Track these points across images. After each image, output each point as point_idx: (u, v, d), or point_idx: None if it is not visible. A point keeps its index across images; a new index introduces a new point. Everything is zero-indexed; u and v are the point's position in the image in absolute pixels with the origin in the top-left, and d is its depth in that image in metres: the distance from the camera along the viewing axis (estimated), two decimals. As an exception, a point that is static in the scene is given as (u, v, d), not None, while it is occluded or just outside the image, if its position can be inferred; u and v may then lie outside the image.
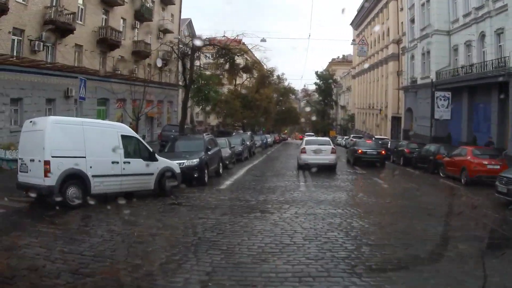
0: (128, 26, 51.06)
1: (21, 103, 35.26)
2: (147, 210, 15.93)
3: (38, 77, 36.49)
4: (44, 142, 14.81)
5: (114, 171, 16.59)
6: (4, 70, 33.05)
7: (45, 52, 37.66)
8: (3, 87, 33.09)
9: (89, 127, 16.46)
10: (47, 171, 14.63)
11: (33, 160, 15.18)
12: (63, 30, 38.86)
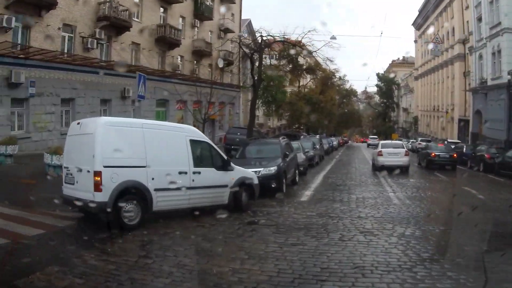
0: (188, 24, 47.24)
1: (73, 103, 31.74)
2: (222, 233, 12.51)
3: (92, 76, 32.97)
4: (95, 149, 11.72)
5: (181, 183, 13.14)
6: (54, 68, 29.64)
7: (99, 50, 34.09)
8: (53, 87, 29.57)
9: (151, 130, 13.21)
10: (98, 184, 11.52)
11: (81, 170, 12.07)
12: (118, 27, 35.34)
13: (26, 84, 27.69)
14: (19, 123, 28.22)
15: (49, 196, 14.40)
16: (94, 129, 11.95)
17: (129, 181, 12.00)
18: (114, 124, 12.65)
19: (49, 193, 14.95)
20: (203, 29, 50.08)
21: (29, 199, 14.28)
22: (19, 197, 15.11)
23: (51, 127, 29.43)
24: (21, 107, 28.18)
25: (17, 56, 27.27)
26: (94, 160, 11.54)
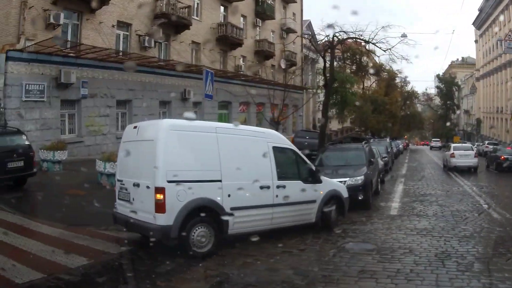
0: (249, 24, 43.20)
1: (130, 105, 28.23)
2: (317, 262, 9.55)
3: (150, 77, 29.44)
4: (157, 159, 9.19)
5: (263, 200, 10.60)
6: (108, 68, 26.24)
7: (157, 49, 30.49)
8: (107, 87, 26.12)
9: (226, 136, 10.41)
10: (160, 203, 9.02)
11: (138, 185, 9.60)
12: (177, 26, 31.67)
13: (78, 84, 24.40)
14: (70, 127, 24.91)
15: (100, 212, 11.97)
16: (156, 135, 9.36)
17: (199, 199, 9.39)
18: (180, 128, 9.72)
19: (100, 207, 12.32)
20: (265, 28, 45.89)
21: (76, 214, 12.29)
22: (64, 212, 12.59)
23: (105, 130, 26.05)
24: (72, 109, 24.88)
25: (67, 55, 23.97)
26: (156, 173, 8.99)
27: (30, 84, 22.21)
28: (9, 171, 15.39)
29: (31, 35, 22.30)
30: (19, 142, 16.51)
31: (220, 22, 37.73)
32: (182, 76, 31.84)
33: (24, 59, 22.04)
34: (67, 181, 17.57)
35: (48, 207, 13.44)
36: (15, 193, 15.25)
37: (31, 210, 13.68)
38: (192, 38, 33.83)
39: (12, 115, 21.48)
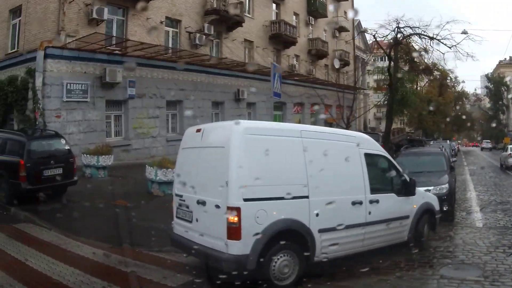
0: (302, 22, 39.32)
1: (180, 106, 25.00)
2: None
3: (201, 76, 26.22)
4: (229, 171, 6.84)
5: (354, 218, 8.15)
6: (157, 66, 23.14)
7: (209, 47, 27.06)
8: (157, 87, 22.98)
9: (312, 141, 7.91)
10: (235, 228, 6.68)
11: (204, 202, 7.31)
12: (229, 22, 28.28)
13: (124, 84, 21.40)
14: (117, 129, 21.88)
15: (152, 228, 10.25)
16: (228, 140, 7.13)
17: (283, 221, 7.13)
18: (258, 132, 7.50)
19: (152, 222, 10.82)
20: (317, 27, 41.94)
21: (123, 231, 9.81)
22: (109, 227, 10.45)
23: (154, 133, 22.94)
24: (118, 110, 21.89)
25: (112, 52, 20.94)
26: (229, 189, 6.78)
27: (72, 83, 19.33)
28: (45, 179, 13.01)
29: (72, 31, 19.46)
30: (58, 147, 14.06)
31: (272, 19, 34.23)
32: (235, 76, 28.62)
33: (64, 57, 19.20)
34: (113, 190, 14.96)
35: (90, 221, 11.20)
36: (53, 204, 12.80)
37: (70, 225, 11.13)
38: (245, 36, 30.47)
39: (51, 116, 18.58)
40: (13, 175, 12.65)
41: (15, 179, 12.59)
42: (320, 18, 41.37)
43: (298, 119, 37.21)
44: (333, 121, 43.11)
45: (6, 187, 12.96)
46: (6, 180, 12.93)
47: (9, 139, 13.81)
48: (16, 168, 12.58)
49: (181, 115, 24.89)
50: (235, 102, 28.87)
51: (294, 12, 37.50)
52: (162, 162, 14.98)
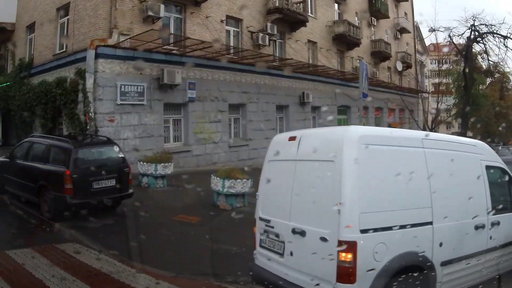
0: (364, 22, 34.98)
1: (244, 110, 21.62)
2: None
3: (265, 78, 22.76)
4: (343, 193, 4.80)
5: (475, 245, 5.89)
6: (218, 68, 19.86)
7: (272, 48, 23.61)
8: (219, 90, 19.73)
9: (434, 152, 5.63)
10: (348, 268, 4.73)
11: (303, 232, 5.25)
12: (292, 22, 24.72)
13: (184, 86, 18.21)
14: (176, 134, 18.69)
15: (222, 251, 8.39)
16: (338, 151, 4.99)
17: (404, 256, 4.97)
18: (376, 141, 5.20)
19: (221, 243, 8.86)
20: (379, 28, 37.49)
21: (188, 255, 8.34)
22: (172, 250, 8.73)
23: (216, 138, 19.67)
24: (177, 114, 18.65)
25: (169, 52, 17.77)
26: (341, 217, 4.71)
27: (127, 85, 16.33)
28: (95, 192, 10.49)
29: (126, 29, 16.41)
30: (110, 155, 11.47)
31: (335, 20, 30.38)
32: (299, 78, 24.97)
33: (118, 56, 16.21)
34: (174, 202, 12.41)
35: (148, 242, 8.90)
36: (104, 221, 10.28)
37: (124, 247, 8.68)
38: (308, 36, 26.75)
39: (104, 120, 15.60)
40: (57, 187, 10.16)
41: (59, 192, 10.10)
42: (382, 18, 37.08)
43: (362, 124, 33.26)
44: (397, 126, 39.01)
45: (49, 201, 10.45)
46: (49, 193, 10.40)
47: (53, 145, 11.11)
48: (60, 180, 10.09)
49: (244, 120, 21.52)
50: (300, 106, 25.22)
51: (356, 11, 33.48)
52: (231, 172, 12.19)
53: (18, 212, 11.53)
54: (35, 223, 10.62)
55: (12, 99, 19.87)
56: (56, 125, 17.92)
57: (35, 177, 10.88)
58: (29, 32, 20.74)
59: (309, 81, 25.69)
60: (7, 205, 12.13)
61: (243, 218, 10.25)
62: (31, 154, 11.58)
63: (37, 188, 10.70)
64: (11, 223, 10.80)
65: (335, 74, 27.94)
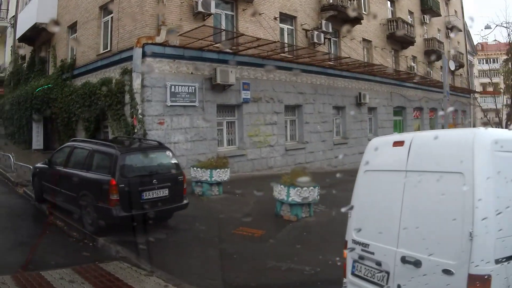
0: (416, 21, 31.37)
1: (300, 111, 18.94)
2: None
3: (321, 78, 19.97)
4: (476, 216, 3.40)
5: None
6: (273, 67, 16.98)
7: (327, 46, 20.83)
8: (274, 90, 17.18)
9: None
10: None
11: (417, 262, 3.79)
12: (347, 20, 21.73)
13: (237, 86, 15.70)
14: (229, 137, 16.21)
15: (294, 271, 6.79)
16: (466, 161, 3.65)
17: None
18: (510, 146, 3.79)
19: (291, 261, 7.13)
20: (431, 26, 33.73)
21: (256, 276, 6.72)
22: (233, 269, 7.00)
23: (272, 141, 17.04)
24: (231, 116, 16.17)
25: (222, 50, 15.31)
26: (474, 245, 3.45)
27: (177, 85, 13.99)
28: (145, 204, 8.43)
29: (176, 26, 14.09)
30: (162, 161, 9.40)
31: (389, 18, 27.22)
32: (355, 78, 22.07)
33: (167, 55, 13.90)
34: (232, 212, 10.45)
35: (207, 260, 7.44)
36: (154, 234, 8.29)
37: (179, 266, 7.22)
38: (362, 35, 23.75)
39: (153, 123, 13.32)
40: (102, 198, 8.31)
41: (103, 203, 8.24)
42: (434, 17, 33.40)
43: (417, 125, 29.97)
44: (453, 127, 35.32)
45: (92, 213, 8.55)
46: (92, 204, 8.50)
47: (97, 151, 9.12)
48: (105, 189, 8.24)
49: (300, 121, 18.80)
50: (357, 107, 22.29)
51: (409, 9, 30.11)
52: (296, 179, 9.74)
53: (58, 224, 9.57)
54: (77, 236, 8.81)
55: (54, 101, 17.98)
56: (100, 129, 15.87)
57: (77, 186, 8.89)
58: (71, 32, 18.85)
59: (365, 81, 22.78)
60: (46, 216, 10.17)
61: (311, 231, 8.96)
62: (72, 160, 9.54)
63: (78, 198, 8.80)
64: (49, 236, 8.87)
65: (391, 74, 24.87)
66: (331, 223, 9.38)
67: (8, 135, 22.91)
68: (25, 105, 19.69)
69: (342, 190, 10.38)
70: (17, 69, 24.88)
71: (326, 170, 18.70)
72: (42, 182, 10.53)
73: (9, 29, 28.55)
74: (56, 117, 17.73)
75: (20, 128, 20.82)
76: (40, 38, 21.21)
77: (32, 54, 22.98)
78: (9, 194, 12.54)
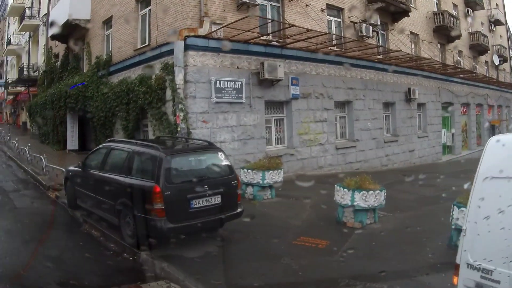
0: (461, 14, 29.21)
1: (349, 107, 17.30)
2: None
3: (370, 73, 18.28)
4: None
5: None
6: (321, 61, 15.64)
7: (375, 40, 19.16)
8: (323, 85, 15.65)
9: None
10: None
11: None
12: (395, 12, 20.13)
13: (286, 81, 14.14)
14: (278, 135, 14.69)
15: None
16: None
17: None
18: None
19: (371, 279, 5.90)
20: (474, 20, 31.45)
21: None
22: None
23: (322, 139, 15.50)
24: (279, 113, 14.64)
25: (268, 44, 13.87)
26: None
27: (222, 80, 12.58)
28: (194, 214, 7.06)
29: (218, 17, 12.69)
30: (214, 164, 7.90)
31: (435, 10, 25.30)
32: (404, 73, 20.28)
33: (211, 48, 12.48)
34: (288, 219, 9.24)
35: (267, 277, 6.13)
36: (205, 247, 7.18)
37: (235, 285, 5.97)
38: (410, 28, 21.97)
39: (197, 121, 11.92)
40: (144, 207, 6.88)
41: (146, 213, 6.85)
42: (477, 10, 31.26)
43: (464, 122, 28.02)
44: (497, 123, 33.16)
45: (132, 224, 7.23)
46: (133, 214, 7.14)
47: (138, 153, 7.77)
48: (148, 197, 6.84)
49: (350, 118, 17.18)
50: (406, 103, 20.52)
51: (453, 2, 28.09)
52: (362, 182, 8.54)
53: (94, 234, 8.31)
54: (115, 249, 7.52)
55: (90, 100, 16.81)
56: (140, 128, 14.53)
57: (114, 192, 7.63)
58: (106, 27, 17.60)
59: (414, 76, 21.04)
60: (80, 224, 8.87)
61: (382, 241, 7.72)
62: (109, 163, 8.24)
63: (116, 206, 7.53)
64: (83, 248, 7.64)
65: (439, 69, 23.04)
66: (400, 231, 8.39)
67: (42, 135, 21.92)
68: (58, 104, 18.64)
69: (400, 191, 9.03)
70: (51, 67, 23.92)
71: (377, 169, 17.19)
72: (75, 187, 9.26)
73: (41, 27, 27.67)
74: (92, 116, 16.53)
75: (54, 128, 19.79)
76: (73, 35, 20.11)
77: (66, 51, 21.94)
78: (40, 199, 11.28)
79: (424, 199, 11.35)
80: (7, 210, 9.85)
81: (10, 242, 7.67)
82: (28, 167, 14.81)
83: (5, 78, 40.45)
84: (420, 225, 8.72)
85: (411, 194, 11.79)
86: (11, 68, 39.93)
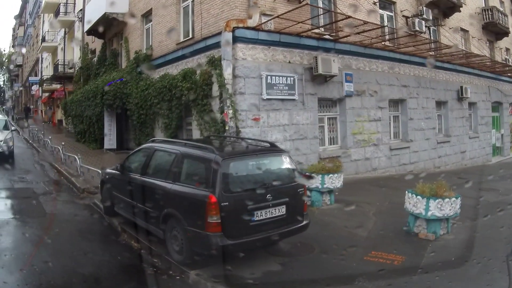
0: (507, 11, 26.74)
1: (403, 106, 15.91)
2: None
3: (423, 70, 16.76)
4: None
5: None
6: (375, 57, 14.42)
7: (428, 35, 17.70)
8: (377, 83, 14.39)
9: None
10: None
11: None
12: (445, 7, 18.62)
13: (339, 77, 12.88)
14: (331, 135, 13.45)
15: None
16: None
17: None
18: None
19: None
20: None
21: None
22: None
23: (377, 140, 14.15)
24: (332, 112, 13.38)
25: (321, 37, 12.61)
26: None
27: (274, 75, 11.37)
28: (256, 227, 5.89)
29: (268, 8, 11.50)
30: (278, 169, 6.67)
31: (483, 7, 23.64)
32: (456, 71, 18.74)
33: (261, 41, 11.30)
34: (354, 229, 7.95)
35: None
36: (266, 266, 6.08)
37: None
38: (459, 24, 20.42)
39: (247, 119, 10.75)
40: (195, 219, 5.77)
41: (198, 227, 5.71)
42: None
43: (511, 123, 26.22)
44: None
45: (181, 238, 6.06)
46: (182, 227, 6.00)
47: (188, 155, 6.49)
48: (201, 209, 5.67)
49: (404, 118, 15.76)
50: (458, 102, 18.97)
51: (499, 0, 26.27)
52: (437, 187, 7.25)
53: (133, 246, 7.17)
54: (159, 266, 6.30)
55: (129, 97, 15.77)
56: (183, 126, 13.44)
57: (159, 201, 6.46)
58: (145, 21, 16.57)
59: (465, 74, 19.52)
60: (118, 234, 7.72)
61: (461, 255, 6.36)
62: (152, 167, 7.07)
63: (161, 217, 6.32)
64: (121, 262, 6.55)
65: (489, 67, 21.42)
66: (476, 243, 7.08)
67: (78, 134, 21.03)
68: (95, 101, 17.64)
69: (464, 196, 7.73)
70: (87, 64, 23.07)
71: (430, 171, 15.78)
72: (112, 192, 8.10)
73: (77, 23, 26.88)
74: (131, 113, 15.53)
75: (91, 126, 18.88)
76: (110, 30, 19.20)
77: (103, 47, 21.00)
78: (73, 204, 10.08)
79: (489, 204, 10.06)
80: (36, 216, 8.63)
81: (37, 256, 6.44)
82: (62, 168, 13.73)
83: (40, 76, 40.00)
84: (496, 235, 7.38)
85: (473, 199, 10.54)
86: (47, 66, 39.57)
